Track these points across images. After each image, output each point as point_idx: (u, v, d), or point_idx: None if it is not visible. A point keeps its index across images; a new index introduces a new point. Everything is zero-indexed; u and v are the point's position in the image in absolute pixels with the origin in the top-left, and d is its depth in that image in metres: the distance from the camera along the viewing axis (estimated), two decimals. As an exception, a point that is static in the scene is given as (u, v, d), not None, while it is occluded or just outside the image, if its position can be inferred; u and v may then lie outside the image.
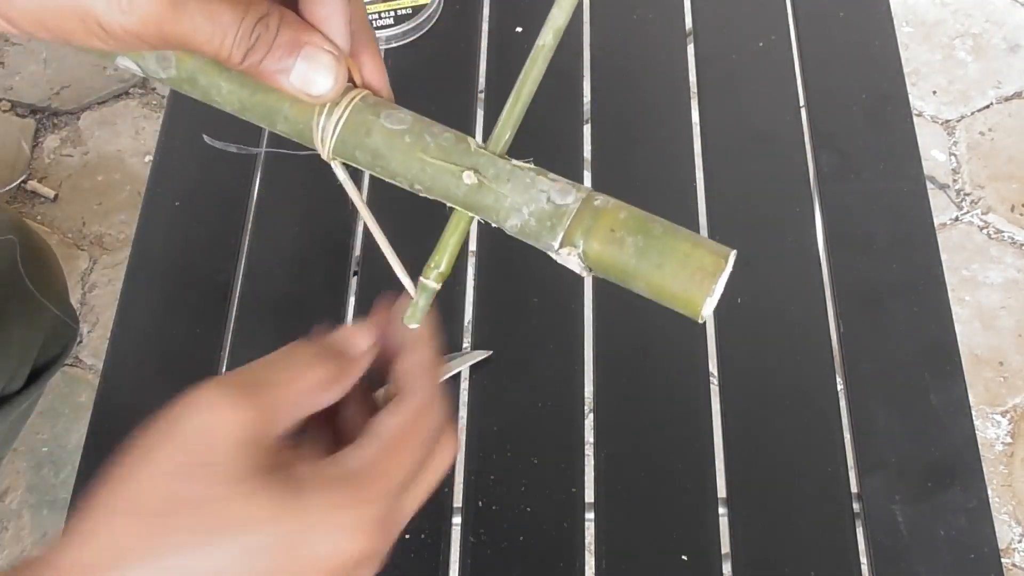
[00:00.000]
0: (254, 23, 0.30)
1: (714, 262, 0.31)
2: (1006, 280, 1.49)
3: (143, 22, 0.29)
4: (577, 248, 0.32)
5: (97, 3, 0.28)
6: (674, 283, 0.31)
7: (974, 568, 0.62)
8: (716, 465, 0.66)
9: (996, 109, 1.64)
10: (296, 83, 0.32)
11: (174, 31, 0.29)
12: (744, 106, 0.81)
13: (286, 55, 0.31)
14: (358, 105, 0.34)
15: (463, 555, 0.63)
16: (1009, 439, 1.38)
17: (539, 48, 0.33)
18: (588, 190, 0.33)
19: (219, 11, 0.30)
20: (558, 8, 0.32)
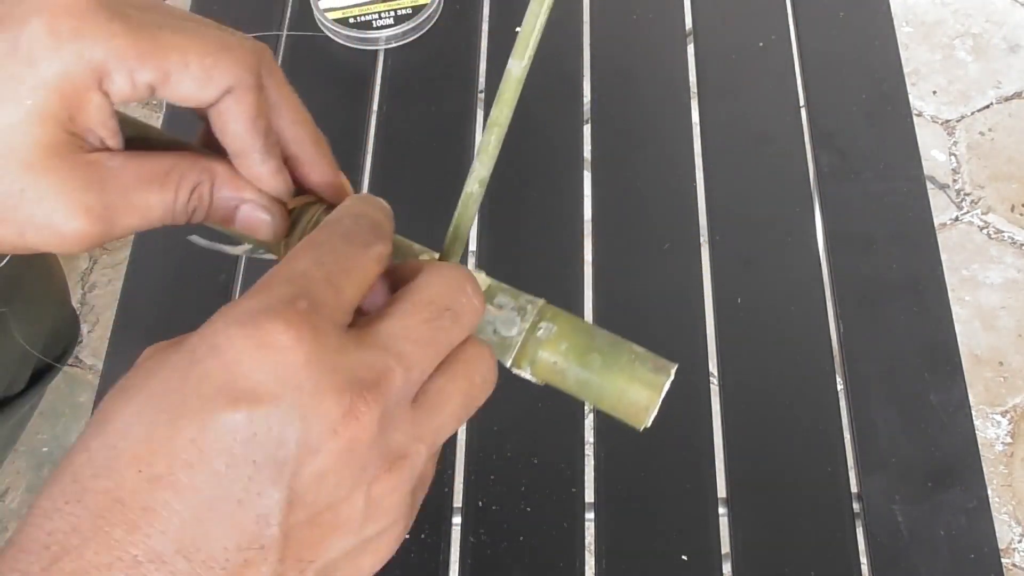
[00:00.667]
0: (187, 198, 0.33)
1: (648, 396, 0.35)
2: (1006, 280, 1.49)
3: (83, 247, 0.31)
4: (525, 371, 0.36)
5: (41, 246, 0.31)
6: (614, 411, 0.36)
7: (974, 568, 0.62)
8: (716, 465, 0.66)
9: (996, 109, 1.64)
10: (241, 230, 0.35)
11: (114, 238, 0.32)
12: (744, 106, 0.81)
13: (225, 218, 0.34)
14: None
15: (463, 555, 0.63)
16: (1009, 439, 1.38)
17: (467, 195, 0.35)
18: (536, 312, 0.35)
19: (148, 207, 0.32)
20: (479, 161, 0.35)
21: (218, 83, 0.31)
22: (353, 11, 0.82)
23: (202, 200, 0.33)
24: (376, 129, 0.79)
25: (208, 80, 0.31)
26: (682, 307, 0.71)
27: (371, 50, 0.83)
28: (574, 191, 0.77)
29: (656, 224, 0.75)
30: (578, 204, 0.76)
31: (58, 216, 0.30)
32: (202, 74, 0.31)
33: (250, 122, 0.33)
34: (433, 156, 0.78)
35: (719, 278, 0.73)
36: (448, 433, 0.30)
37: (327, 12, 0.82)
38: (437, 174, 0.77)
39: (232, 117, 0.32)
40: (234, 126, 0.33)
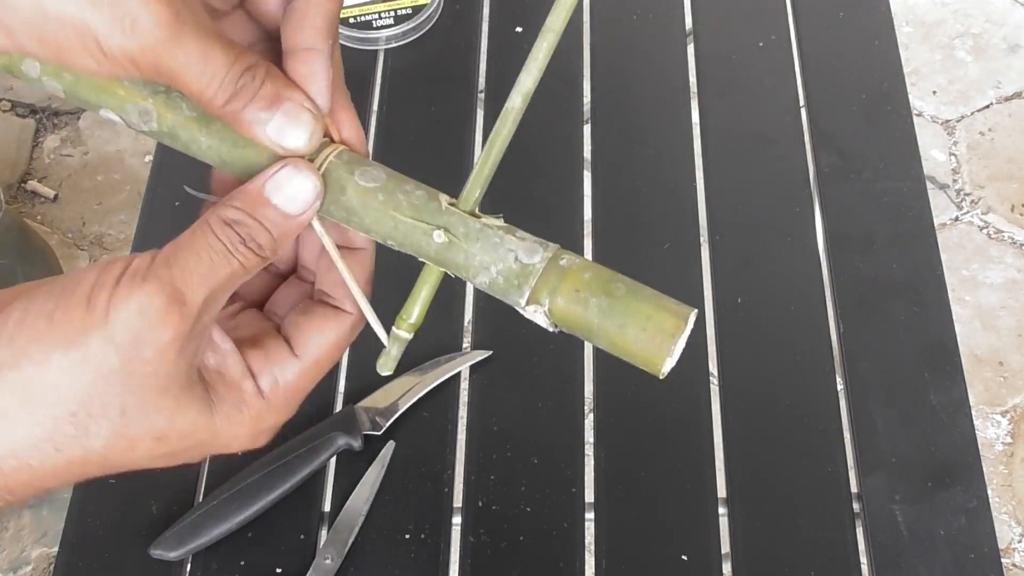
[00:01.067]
0: (242, 70, 0.32)
1: (674, 324, 0.33)
2: (1006, 280, 1.49)
3: (142, 48, 0.30)
4: (543, 306, 0.34)
5: (100, 23, 0.29)
6: (635, 344, 0.33)
7: (974, 568, 0.62)
8: (716, 465, 0.66)
9: (996, 109, 1.64)
10: (272, 135, 0.33)
11: (168, 63, 0.31)
12: (744, 106, 0.81)
13: (266, 107, 0.33)
14: (333, 162, 0.35)
15: (463, 555, 0.63)
16: (1009, 439, 1.38)
17: (507, 111, 0.34)
18: (556, 248, 0.34)
19: (212, 51, 0.31)
20: (526, 72, 0.33)
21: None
22: (353, 11, 0.82)
23: (254, 80, 0.32)
24: (376, 129, 0.79)
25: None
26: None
27: (371, 50, 0.83)
28: (574, 191, 0.77)
29: (656, 224, 0.75)
30: (578, 204, 0.76)
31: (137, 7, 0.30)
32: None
33: (330, 18, 0.33)
34: (433, 156, 0.78)
35: (719, 278, 0.73)
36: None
37: (327, 12, 0.82)
38: (437, 174, 0.77)
39: (316, 7, 0.33)
40: (314, 17, 0.33)
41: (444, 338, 0.69)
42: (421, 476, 0.65)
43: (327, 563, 0.61)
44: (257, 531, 0.63)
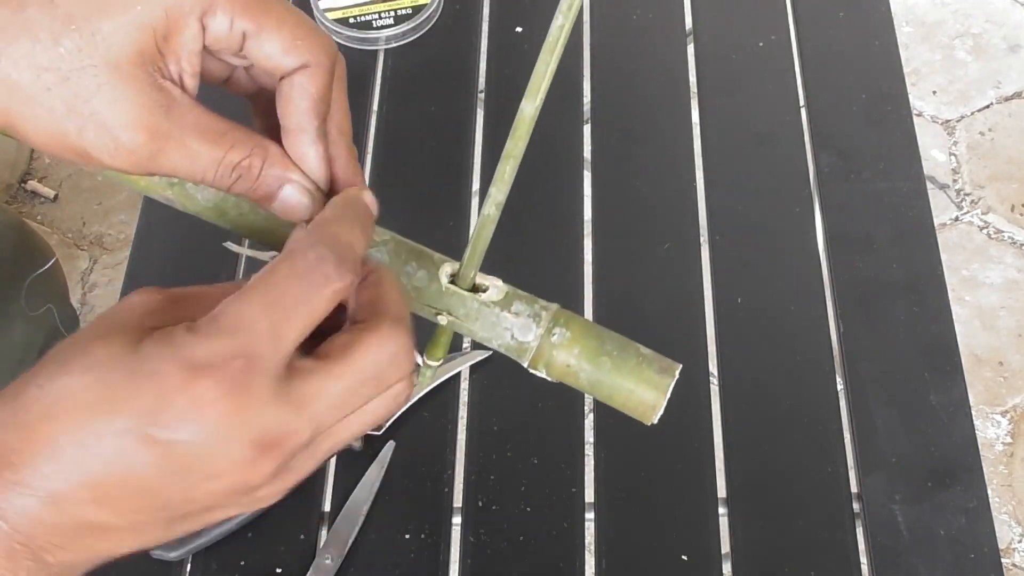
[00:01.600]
0: (233, 164, 0.35)
1: (654, 397, 0.38)
2: (1006, 280, 1.49)
3: (129, 164, 0.34)
4: (540, 372, 0.39)
5: (92, 147, 0.34)
6: (624, 409, 0.39)
7: (974, 568, 0.62)
8: (716, 465, 0.66)
9: (996, 109, 1.64)
10: (278, 210, 0.37)
11: (161, 168, 0.35)
12: (744, 106, 0.81)
13: (269, 191, 0.36)
14: None
15: (463, 555, 0.63)
16: (1009, 439, 1.38)
17: (485, 217, 0.38)
18: (548, 319, 0.39)
19: (197, 154, 0.34)
20: (496, 188, 0.36)
21: (300, 54, 0.35)
22: (353, 11, 0.82)
23: (251, 171, 0.36)
24: (376, 129, 0.79)
25: (293, 48, 0.35)
26: (682, 307, 0.71)
27: (371, 50, 0.83)
28: (574, 191, 0.77)
29: (656, 224, 0.75)
30: (578, 204, 0.76)
31: (121, 122, 0.33)
32: (290, 42, 0.34)
33: (314, 100, 0.35)
34: (433, 156, 0.78)
35: (719, 278, 0.73)
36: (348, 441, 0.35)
37: (327, 12, 0.82)
38: (437, 174, 0.77)
39: (300, 92, 0.35)
40: (299, 101, 0.35)
41: (444, 338, 0.69)
42: (421, 476, 0.65)
43: (327, 563, 0.61)
44: (257, 531, 0.63)
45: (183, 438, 0.29)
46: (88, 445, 0.29)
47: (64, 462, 0.29)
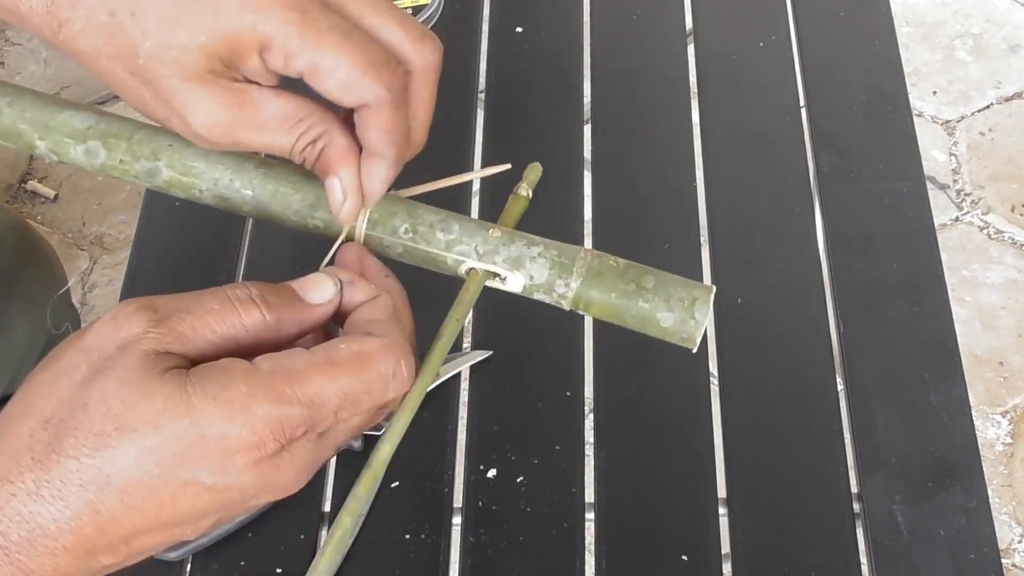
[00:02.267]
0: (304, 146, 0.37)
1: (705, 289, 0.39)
2: (1006, 280, 1.49)
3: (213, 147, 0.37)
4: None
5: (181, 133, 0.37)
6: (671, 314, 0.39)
7: (974, 568, 0.62)
8: (716, 465, 0.66)
9: (996, 109, 1.64)
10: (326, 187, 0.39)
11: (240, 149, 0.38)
12: (744, 106, 0.81)
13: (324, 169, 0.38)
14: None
15: (463, 555, 0.63)
16: (1009, 439, 1.38)
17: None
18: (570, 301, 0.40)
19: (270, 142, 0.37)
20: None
21: (357, 95, 0.36)
22: (353, 11, 0.82)
23: (312, 153, 0.38)
24: (376, 129, 0.79)
25: (349, 89, 0.35)
26: (682, 307, 0.71)
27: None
28: (574, 191, 0.77)
29: (656, 224, 0.75)
30: (578, 204, 0.76)
31: (199, 120, 0.36)
32: (346, 83, 0.35)
33: (382, 134, 0.37)
34: (432, 156, 0.78)
35: (719, 278, 0.72)
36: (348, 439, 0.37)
37: (327, 12, 0.82)
38: (436, 174, 0.77)
39: (367, 125, 0.37)
40: (369, 133, 0.37)
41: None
42: (421, 476, 0.65)
43: (327, 563, 0.61)
44: (257, 531, 0.63)
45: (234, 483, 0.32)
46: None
47: None
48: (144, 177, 0.40)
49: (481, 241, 0.39)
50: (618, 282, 0.38)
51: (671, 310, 0.38)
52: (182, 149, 0.40)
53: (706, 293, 0.38)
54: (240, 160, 0.40)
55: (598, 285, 0.38)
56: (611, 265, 0.39)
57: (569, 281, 0.38)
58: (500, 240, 0.39)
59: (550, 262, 0.38)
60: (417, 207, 0.40)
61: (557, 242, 0.39)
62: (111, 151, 0.40)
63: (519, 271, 0.38)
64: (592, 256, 0.39)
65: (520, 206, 0.42)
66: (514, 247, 0.39)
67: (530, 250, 0.39)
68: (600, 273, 0.38)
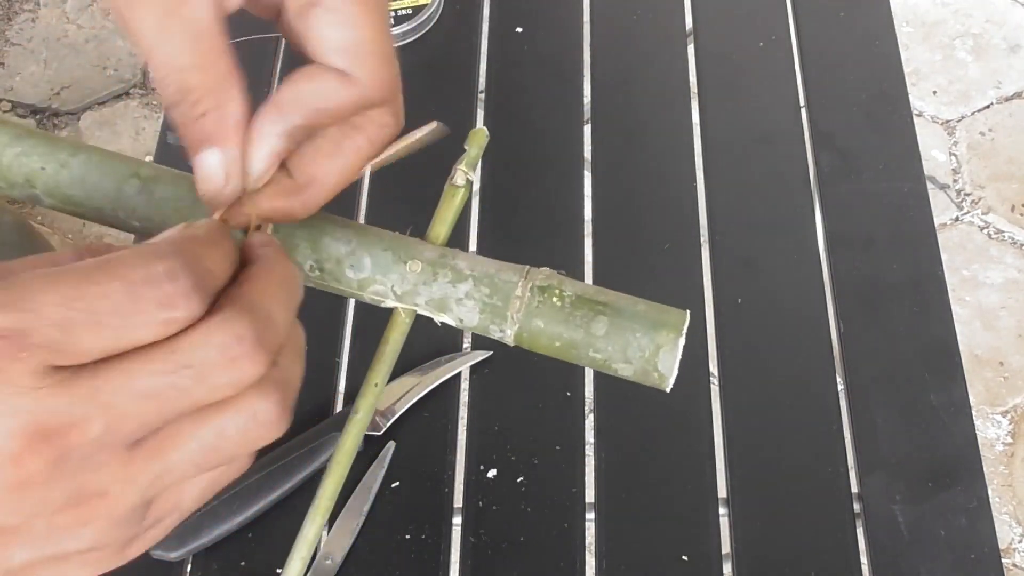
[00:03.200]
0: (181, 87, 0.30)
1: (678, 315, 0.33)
2: (1006, 280, 1.49)
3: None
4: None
5: None
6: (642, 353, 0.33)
7: (974, 568, 0.62)
8: (716, 465, 0.66)
9: (996, 109, 1.64)
10: (195, 167, 0.31)
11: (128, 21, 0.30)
12: (744, 106, 0.81)
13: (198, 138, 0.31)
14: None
15: (463, 555, 0.63)
16: (1009, 439, 1.38)
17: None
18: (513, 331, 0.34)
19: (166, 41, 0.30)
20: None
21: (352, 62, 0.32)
22: (353, 11, 0.82)
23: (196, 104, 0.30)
24: (376, 129, 0.79)
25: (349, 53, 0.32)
26: (682, 307, 0.71)
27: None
28: (574, 191, 0.77)
29: (656, 224, 0.75)
30: (578, 204, 0.76)
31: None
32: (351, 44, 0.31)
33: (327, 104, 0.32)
34: (432, 156, 0.78)
35: (719, 278, 0.73)
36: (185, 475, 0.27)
37: (327, 12, 0.82)
38: (436, 174, 0.77)
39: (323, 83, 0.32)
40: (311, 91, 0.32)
41: (444, 338, 0.69)
42: (421, 476, 0.65)
43: (327, 563, 0.61)
44: (257, 531, 0.63)
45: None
46: None
47: None
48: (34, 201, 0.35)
49: (398, 280, 0.32)
50: (563, 328, 0.32)
51: (628, 361, 0.32)
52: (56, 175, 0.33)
53: (673, 336, 0.31)
54: (118, 185, 0.34)
55: (539, 332, 0.32)
56: (554, 305, 0.32)
57: (504, 327, 0.32)
58: (420, 277, 0.32)
59: (480, 304, 0.32)
60: (323, 234, 0.33)
61: (495, 267, 0.33)
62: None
63: (446, 314, 0.32)
64: (532, 294, 0.32)
65: (459, 199, 0.35)
66: (437, 286, 0.32)
67: (456, 289, 0.32)
68: (541, 316, 0.32)
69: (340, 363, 0.69)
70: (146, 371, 0.25)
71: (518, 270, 0.33)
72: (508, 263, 0.33)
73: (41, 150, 0.33)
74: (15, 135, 0.33)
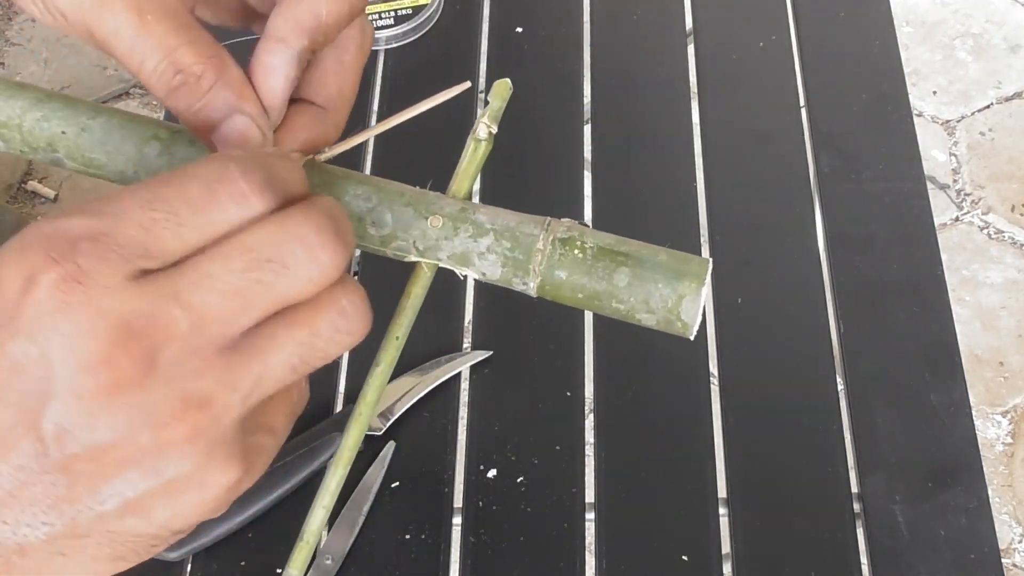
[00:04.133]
0: (181, 66, 0.30)
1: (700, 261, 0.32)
2: (1006, 280, 1.49)
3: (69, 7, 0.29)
4: None
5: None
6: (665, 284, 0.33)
7: (974, 568, 0.62)
8: (716, 465, 0.66)
9: (996, 109, 1.64)
10: (217, 142, 0.31)
11: (97, 28, 0.29)
12: (744, 106, 0.81)
13: (212, 116, 0.31)
14: None
15: (463, 555, 0.63)
16: (1009, 439, 1.38)
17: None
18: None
19: (147, 32, 0.29)
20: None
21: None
22: (353, 11, 0.82)
23: (199, 83, 0.30)
24: (376, 129, 0.79)
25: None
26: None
27: (371, 50, 0.83)
28: (574, 191, 0.77)
29: (656, 224, 0.75)
30: (578, 204, 0.76)
31: None
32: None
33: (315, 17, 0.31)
34: (433, 156, 0.78)
35: (719, 278, 0.72)
36: (281, 380, 0.27)
37: (327, 12, 0.82)
38: (437, 174, 0.77)
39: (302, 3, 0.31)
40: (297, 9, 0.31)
41: (444, 338, 0.69)
42: (421, 476, 0.65)
43: (327, 563, 0.61)
44: (257, 531, 0.63)
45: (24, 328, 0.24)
46: None
47: None
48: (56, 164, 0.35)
49: (419, 235, 0.32)
50: (585, 280, 0.32)
51: (651, 311, 0.32)
52: (77, 139, 0.34)
53: (696, 285, 0.32)
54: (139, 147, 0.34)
55: (561, 284, 0.32)
56: (576, 257, 0.32)
57: (527, 280, 0.32)
58: (441, 232, 0.32)
59: (502, 258, 0.32)
60: (343, 192, 0.33)
61: (516, 219, 0.33)
62: (8, 143, 0.35)
63: (468, 268, 0.33)
64: (554, 247, 0.32)
65: (481, 153, 0.34)
66: (458, 240, 0.32)
67: (478, 243, 0.32)
68: (562, 268, 0.32)
69: (340, 363, 0.69)
70: (228, 268, 0.25)
71: (539, 222, 0.33)
72: (529, 215, 0.34)
73: (61, 114, 0.34)
74: (35, 99, 0.34)
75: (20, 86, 0.34)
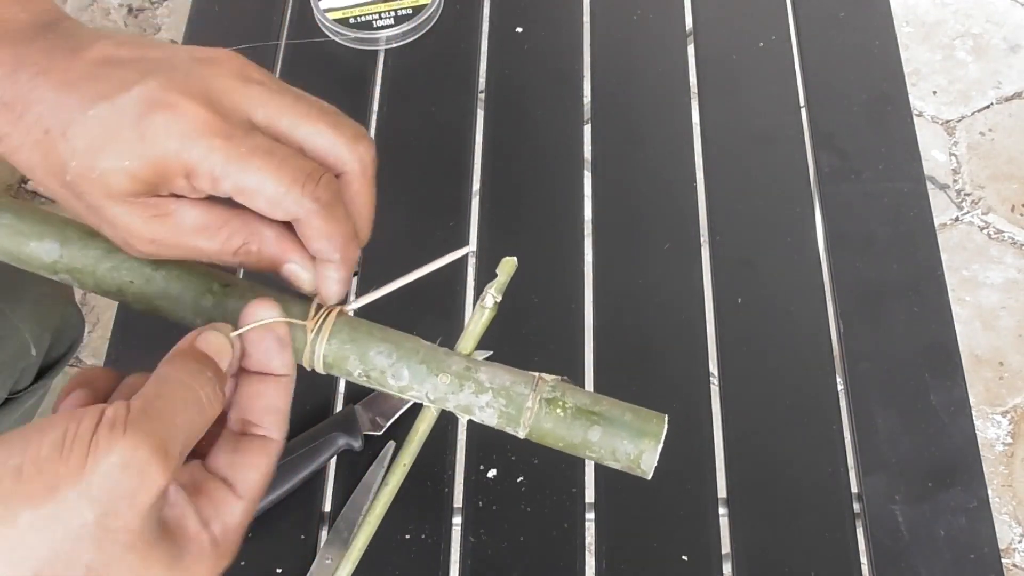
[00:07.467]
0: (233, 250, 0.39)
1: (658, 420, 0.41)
2: (1006, 280, 1.49)
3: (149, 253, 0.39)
4: None
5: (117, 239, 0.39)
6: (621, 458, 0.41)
7: (974, 568, 0.62)
8: (716, 465, 0.66)
9: (996, 109, 1.64)
10: (288, 278, 0.40)
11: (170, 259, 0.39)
12: (744, 106, 0.81)
13: (272, 265, 0.40)
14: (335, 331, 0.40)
15: (463, 555, 0.63)
16: (1009, 439, 1.38)
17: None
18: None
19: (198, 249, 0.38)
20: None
21: (286, 210, 0.37)
22: (353, 11, 0.82)
23: (249, 255, 0.39)
24: (376, 129, 0.79)
25: (278, 206, 0.37)
26: (682, 307, 0.71)
27: (371, 50, 0.83)
28: (574, 191, 0.77)
29: (656, 224, 0.75)
30: (578, 204, 0.76)
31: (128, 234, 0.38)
32: (273, 199, 0.36)
33: (322, 242, 0.38)
34: (433, 156, 0.78)
35: (719, 278, 0.73)
36: None
37: (327, 12, 0.82)
38: (437, 174, 0.77)
39: (306, 236, 0.38)
40: (310, 243, 0.38)
41: (443, 338, 0.69)
42: (421, 476, 0.65)
43: (327, 563, 0.61)
44: (257, 531, 0.63)
45: None
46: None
47: None
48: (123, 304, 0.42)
49: (431, 388, 0.40)
50: (565, 433, 0.40)
51: (617, 460, 0.40)
52: (144, 287, 0.41)
53: (653, 443, 0.40)
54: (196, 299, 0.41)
55: (545, 433, 0.40)
56: (558, 416, 0.39)
57: (517, 430, 0.40)
58: (449, 388, 0.40)
59: (498, 412, 0.39)
60: (368, 348, 0.40)
61: (510, 379, 0.40)
62: (82, 285, 0.42)
63: (471, 416, 0.40)
64: (540, 406, 0.39)
65: (486, 318, 0.41)
66: (463, 395, 0.40)
67: (479, 399, 0.40)
68: (547, 422, 0.39)
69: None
70: None
71: (529, 382, 0.40)
72: (521, 374, 0.40)
73: (128, 265, 0.41)
74: (106, 250, 0.41)
75: (92, 234, 0.41)
